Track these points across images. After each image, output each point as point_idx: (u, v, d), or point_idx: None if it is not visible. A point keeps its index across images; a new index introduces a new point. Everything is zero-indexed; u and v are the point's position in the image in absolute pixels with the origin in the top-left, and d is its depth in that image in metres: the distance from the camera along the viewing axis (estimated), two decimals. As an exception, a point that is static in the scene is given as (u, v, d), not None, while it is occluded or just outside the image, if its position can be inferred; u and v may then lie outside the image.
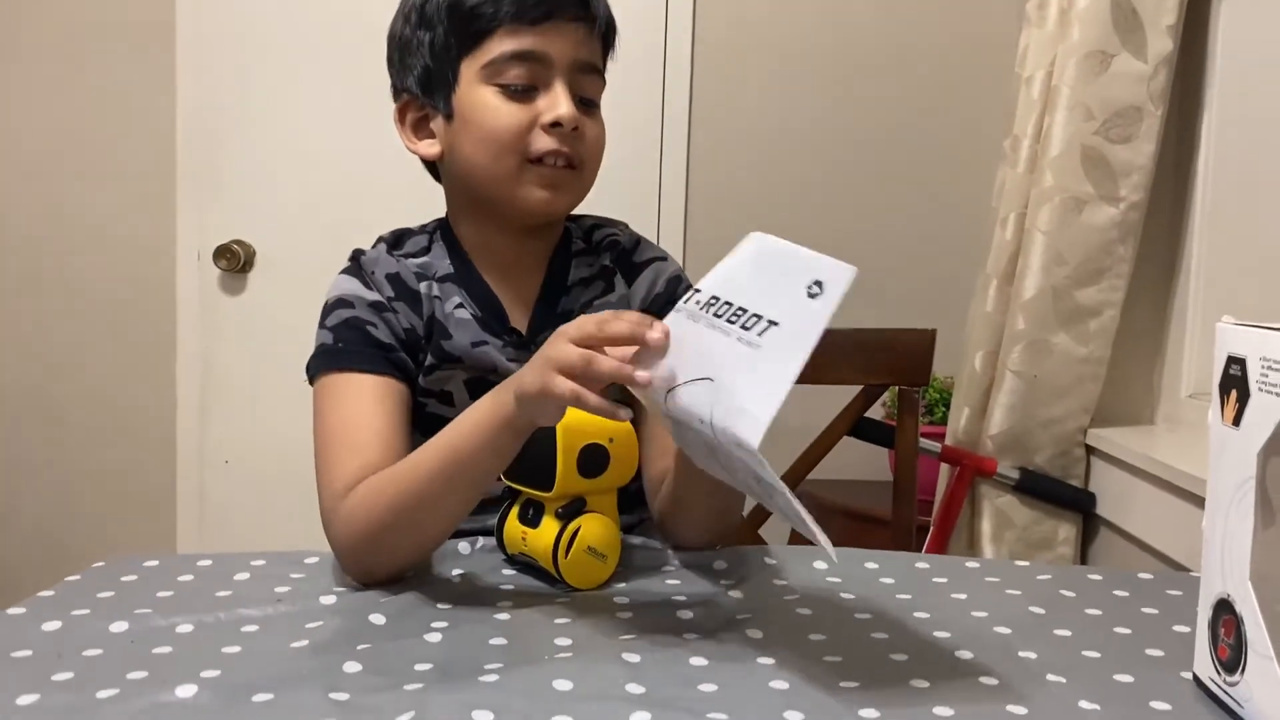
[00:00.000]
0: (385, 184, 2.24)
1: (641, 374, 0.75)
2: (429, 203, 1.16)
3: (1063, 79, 1.67)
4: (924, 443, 1.72)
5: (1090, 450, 1.78)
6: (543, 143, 0.99)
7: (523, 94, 1.00)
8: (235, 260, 2.27)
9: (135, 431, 2.37)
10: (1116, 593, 0.92)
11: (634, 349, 0.76)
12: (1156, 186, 1.70)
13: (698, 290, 0.75)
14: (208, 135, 2.30)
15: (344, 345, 1.01)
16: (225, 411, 2.35)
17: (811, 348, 0.66)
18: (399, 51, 1.07)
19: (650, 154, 2.26)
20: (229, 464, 2.36)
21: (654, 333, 0.75)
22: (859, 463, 1.89)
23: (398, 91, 1.08)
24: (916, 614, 0.85)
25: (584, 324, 0.77)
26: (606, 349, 0.77)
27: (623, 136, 1.17)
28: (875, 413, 1.79)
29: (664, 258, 1.15)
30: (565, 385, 0.76)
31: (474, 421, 0.86)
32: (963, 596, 0.90)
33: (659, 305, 1.10)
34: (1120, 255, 1.69)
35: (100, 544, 2.37)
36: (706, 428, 0.70)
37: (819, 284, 0.67)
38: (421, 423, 1.04)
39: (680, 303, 0.75)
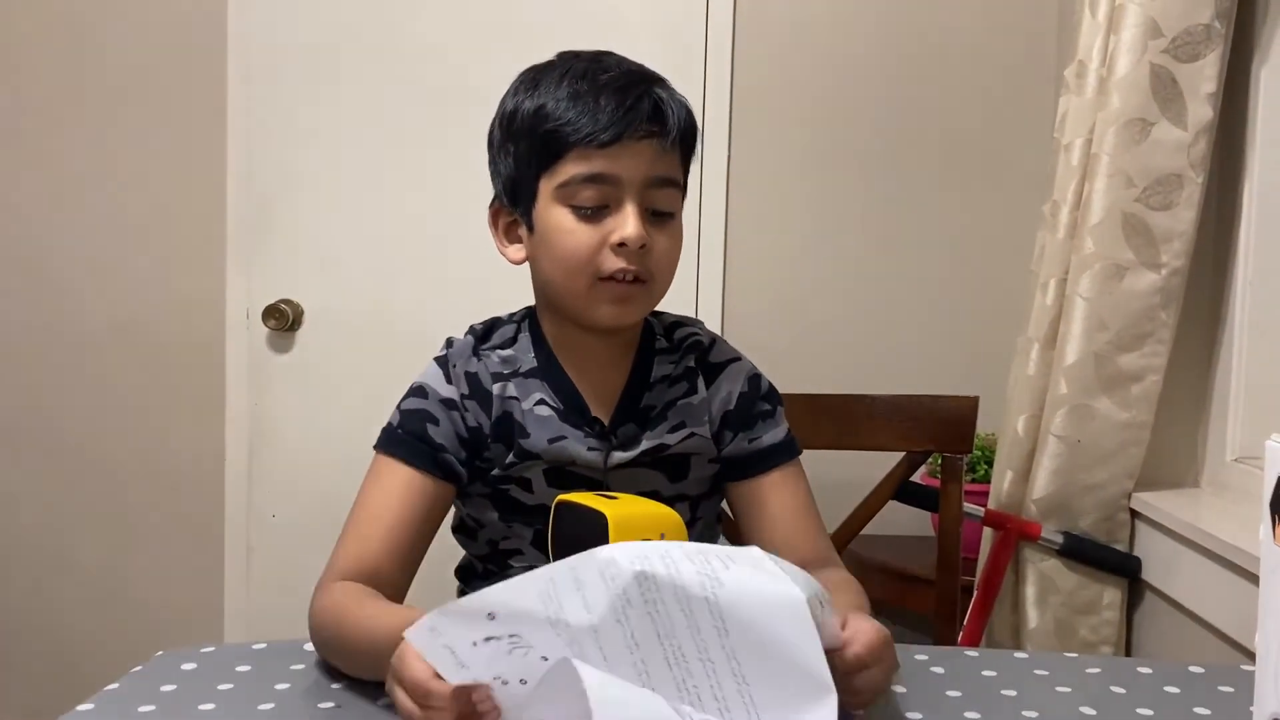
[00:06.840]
0: (433, 245, 2.29)
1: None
2: (477, 264, 1.18)
3: (1102, 146, 1.68)
4: (968, 508, 1.72)
5: (1135, 514, 1.77)
6: (611, 262, 1.02)
7: (594, 215, 1.02)
8: (284, 319, 2.31)
9: (184, 487, 2.41)
10: (1167, 689, 0.92)
11: None
12: (1198, 252, 1.70)
13: None
14: (256, 196, 2.35)
15: (402, 433, 1.07)
16: (272, 467, 2.39)
17: None
18: (494, 155, 1.10)
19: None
20: (275, 518, 2.39)
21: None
22: (901, 518, 1.90)
23: (495, 196, 1.12)
24: (968, 714, 0.86)
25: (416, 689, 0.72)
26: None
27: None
28: (918, 471, 1.80)
29: (738, 358, 1.18)
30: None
31: (388, 634, 0.80)
32: (1013, 693, 0.90)
33: (740, 408, 1.14)
34: (1162, 321, 1.69)
35: (150, 594, 2.41)
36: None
37: None
38: (501, 504, 1.11)
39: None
